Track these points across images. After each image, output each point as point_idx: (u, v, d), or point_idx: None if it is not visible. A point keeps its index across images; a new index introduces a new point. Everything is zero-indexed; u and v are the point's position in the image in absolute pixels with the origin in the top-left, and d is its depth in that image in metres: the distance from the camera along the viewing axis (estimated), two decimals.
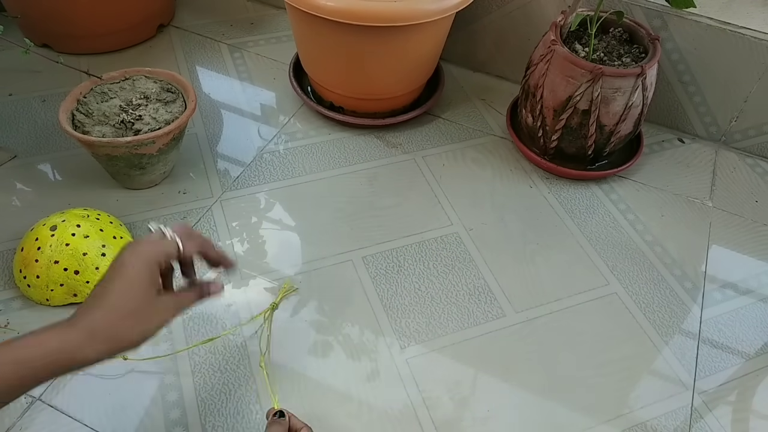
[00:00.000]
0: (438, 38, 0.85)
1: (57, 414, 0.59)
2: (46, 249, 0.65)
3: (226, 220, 0.77)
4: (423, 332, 0.68)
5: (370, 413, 0.61)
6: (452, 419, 0.61)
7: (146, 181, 0.79)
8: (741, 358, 0.69)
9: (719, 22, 0.84)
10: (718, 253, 0.79)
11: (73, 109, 0.74)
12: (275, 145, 0.88)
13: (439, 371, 0.65)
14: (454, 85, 1.01)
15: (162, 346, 0.64)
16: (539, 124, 0.83)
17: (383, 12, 0.73)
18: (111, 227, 0.70)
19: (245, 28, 1.09)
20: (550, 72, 0.78)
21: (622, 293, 0.74)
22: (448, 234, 0.78)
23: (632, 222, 0.82)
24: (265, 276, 0.72)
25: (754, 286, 0.76)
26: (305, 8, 0.75)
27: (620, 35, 0.83)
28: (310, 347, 0.66)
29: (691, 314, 0.72)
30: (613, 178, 0.88)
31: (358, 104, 0.90)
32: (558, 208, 0.83)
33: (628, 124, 0.80)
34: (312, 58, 0.88)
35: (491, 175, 0.87)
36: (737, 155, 0.93)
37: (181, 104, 0.77)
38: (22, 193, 0.79)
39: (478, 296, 0.72)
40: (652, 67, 0.76)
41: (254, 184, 0.82)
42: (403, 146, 0.90)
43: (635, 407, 0.63)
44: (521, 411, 0.62)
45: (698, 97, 0.91)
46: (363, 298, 0.70)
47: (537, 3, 0.92)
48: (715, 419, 0.63)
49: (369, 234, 0.77)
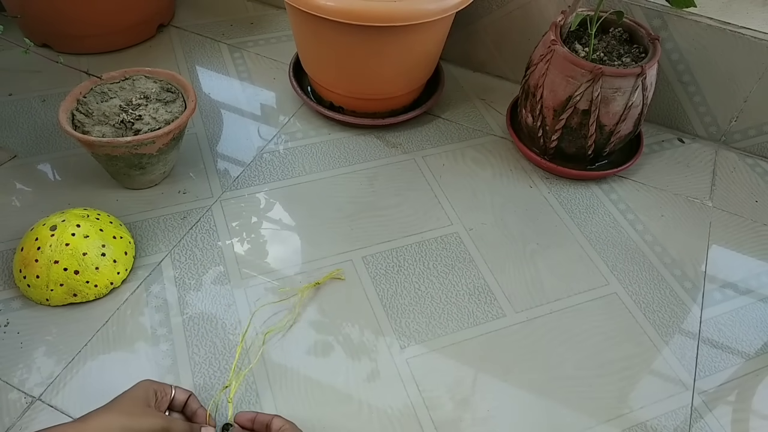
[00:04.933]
0: (438, 38, 0.85)
1: (57, 414, 0.59)
2: (46, 249, 0.65)
3: (226, 220, 0.77)
4: (423, 332, 0.68)
5: (370, 413, 0.61)
6: (452, 419, 0.61)
7: (146, 181, 0.79)
8: (741, 358, 0.69)
9: (719, 22, 0.84)
10: (718, 253, 0.79)
11: (73, 109, 0.74)
12: (275, 145, 0.88)
13: (439, 371, 0.65)
14: (454, 85, 1.01)
15: (162, 346, 0.65)
16: (539, 124, 0.83)
17: (383, 12, 0.73)
18: (111, 227, 0.70)
19: (245, 28, 1.09)
20: (550, 72, 0.78)
21: (622, 293, 0.74)
22: (448, 234, 0.78)
23: (632, 222, 0.82)
24: (265, 276, 0.72)
25: (754, 286, 0.76)
26: (305, 8, 0.75)
27: (620, 35, 0.83)
28: (310, 347, 0.66)
29: (691, 314, 0.72)
30: (613, 178, 0.88)
31: (358, 104, 0.90)
32: (558, 208, 0.83)
33: (628, 124, 0.80)
34: (312, 58, 0.88)
35: (491, 175, 0.87)
36: (737, 155, 0.93)
37: (181, 104, 0.77)
38: (22, 193, 0.79)
39: (478, 296, 0.72)
40: (652, 67, 0.76)
41: (254, 184, 0.82)
42: (403, 146, 0.90)
43: (635, 407, 0.63)
44: (521, 411, 0.62)
45: (698, 97, 0.91)
46: (363, 298, 0.70)
47: (537, 3, 0.92)
48: (715, 419, 0.63)
49: (369, 234, 0.77)
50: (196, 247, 0.74)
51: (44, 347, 0.64)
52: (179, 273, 0.71)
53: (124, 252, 0.70)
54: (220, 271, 0.72)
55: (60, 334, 0.65)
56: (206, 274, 0.71)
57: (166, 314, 0.67)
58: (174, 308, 0.68)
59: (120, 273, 0.69)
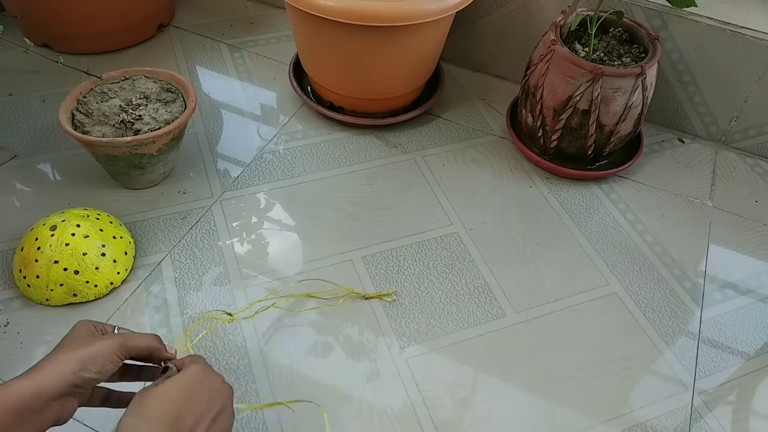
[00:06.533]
0: (438, 38, 0.85)
1: None
2: (46, 249, 0.65)
3: (226, 220, 0.77)
4: (423, 332, 0.68)
5: (370, 413, 0.61)
6: (452, 419, 0.61)
7: (146, 181, 0.79)
8: (741, 358, 0.69)
9: (719, 22, 0.84)
10: (718, 253, 0.79)
11: (73, 108, 0.74)
12: (275, 145, 0.88)
13: (439, 371, 0.65)
14: (454, 85, 1.01)
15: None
16: (539, 124, 0.83)
17: (383, 12, 0.73)
18: (111, 227, 0.70)
19: (245, 28, 1.09)
20: (550, 72, 0.78)
21: (622, 293, 0.74)
22: (448, 234, 0.78)
23: (632, 222, 0.82)
24: (265, 276, 0.72)
25: (754, 286, 0.76)
26: (305, 8, 0.75)
27: (620, 35, 0.83)
28: (310, 347, 0.66)
29: (691, 314, 0.72)
30: (613, 178, 0.88)
31: (358, 104, 0.90)
32: (558, 208, 0.83)
33: (628, 124, 0.80)
34: (312, 58, 0.88)
35: (491, 175, 0.87)
36: (737, 155, 0.93)
37: (181, 104, 0.77)
38: (22, 193, 0.79)
39: (478, 296, 0.72)
40: (652, 67, 0.76)
41: (254, 184, 0.82)
42: (403, 146, 0.90)
43: (635, 407, 0.63)
44: (521, 411, 0.62)
45: (698, 97, 0.91)
46: (363, 298, 0.70)
47: (537, 3, 0.92)
48: (715, 419, 0.63)
49: (369, 234, 0.77)
50: (196, 247, 0.74)
51: (44, 347, 0.64)
52: (179, 273, 0.71)
53: (124, 252, 0.70)
54: (220, 271, 0.72)
55: (60, 334, 0.65)
56: (206, 274, 0.71)
57: (166, 314, 0.67)
58: (174, 308, 0.68)
59: (120, 273, 0.69)
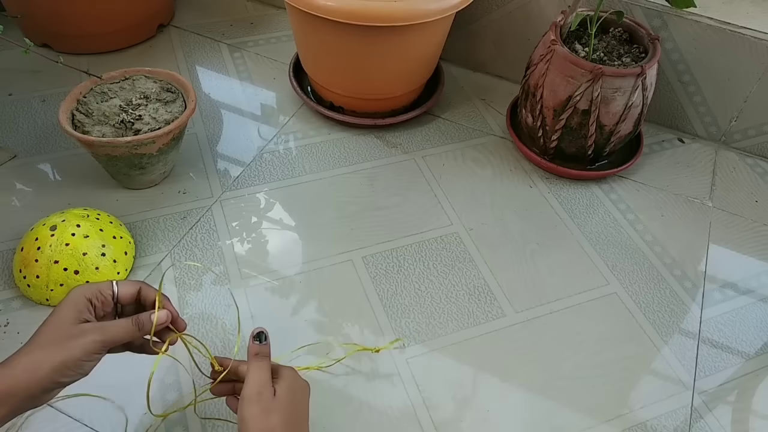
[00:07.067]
0: (438, 38, 0.85)
1: (57, 414, 0.59)
2: (46, 249, 0.65)
3: (226, 220, 0.77)
4: (423, 332, 0.68)
5: (370, 413, 0.61)
6: (452, 419, 0.61)
7: (146, 181, 0.79)
8: (741, 358, 0.69)
9: (719, 22, 0.84)
10: (718, 253, 0.79)
11: (73, 108, 0.74)
12: (275, 145, 0.88)
13: (439, 371, 0.65)
14: (454, 85, 1.01)
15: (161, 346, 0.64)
16: (539, 124, 0.83)
17: (383, 12, 0.73)
18: (111, 227, 0.70)
19: (245, 28, 1.09)
20: (550, 72, 0.78)
21: (622, 293, 0.74)
22: (448, 234, 0.78)
23: (632, 222, 0.82)
24: (265, 276, 0.72)
25: (754, 286, 0.76)
26: (305, 8, 0.75)
27: (620, 35, 0.83)
28: (310, 347, 0.66)
29: (691, 314, 0.72)
30: (613, 178, 0.88)
31: (358, 104, 0.90)
32: (558, 208, 0.83)
33: (628, 124, 0.80)
34: (312, 58, 0.88)
35: (491, 175, 0.87)
36: (737, 155, 0.93)
37: (181, 104, 0.77)
38: (22, 193, 0.79)
39: (478, 296, 0.72)
40: (652, 67, 0.76)
41: (254, 184, 0.82)
42: (403, 146, 0.90)
43: (635, 407, 0.63)
44: (521, 411, 0.62)
45: (698, 96, 0.91)
46: (363, 298, 0.70)
47: (537, 3, 0.92)
48: (715, 419, 0.63)
49: (369, 234, 0.77)
50: (196, 247, 0.74)
51: None
52: (179, 273, 0.71)
53: (124, 252, 0.70)
54: (220, 271, 0.72)
55: None
56: (206, 274, 0.71)
57: None
58: None
59: (120, 273, 0.69)
